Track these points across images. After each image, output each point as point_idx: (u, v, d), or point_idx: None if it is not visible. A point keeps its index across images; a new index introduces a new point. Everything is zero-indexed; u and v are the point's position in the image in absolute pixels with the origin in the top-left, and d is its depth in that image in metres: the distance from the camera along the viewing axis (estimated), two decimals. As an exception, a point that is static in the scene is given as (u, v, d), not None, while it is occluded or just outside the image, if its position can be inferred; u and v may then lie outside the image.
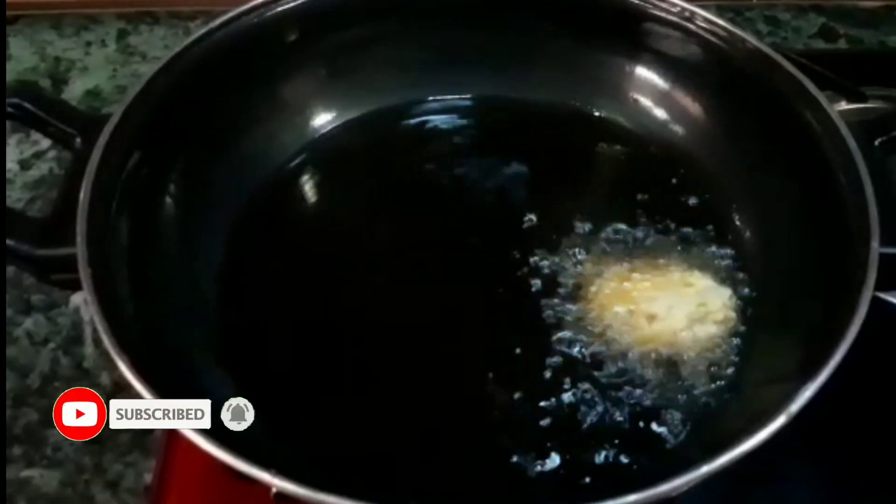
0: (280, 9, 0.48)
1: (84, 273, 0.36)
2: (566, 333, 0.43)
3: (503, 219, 0.48)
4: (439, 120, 0.53)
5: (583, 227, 0.47)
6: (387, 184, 0.51)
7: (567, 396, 0.41)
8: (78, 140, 0.42)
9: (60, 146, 0.45)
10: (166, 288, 0.42)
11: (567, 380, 0.41)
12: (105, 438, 0.48)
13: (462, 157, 0.52)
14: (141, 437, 0.48)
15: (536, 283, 0.45)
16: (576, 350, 0.43)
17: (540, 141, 0.52)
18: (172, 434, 0.44)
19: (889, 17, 0.73)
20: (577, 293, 0.45)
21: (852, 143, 0.41)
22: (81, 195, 0.38)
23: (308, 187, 0.51)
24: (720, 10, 0.72)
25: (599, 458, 0.39)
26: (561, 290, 0.45)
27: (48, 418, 0.49)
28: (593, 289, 0.45)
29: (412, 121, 0.53)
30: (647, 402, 0.41)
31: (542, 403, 0.41)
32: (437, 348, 0.43)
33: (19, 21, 0.71)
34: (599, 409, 0.41)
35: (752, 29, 0.72)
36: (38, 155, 0.62)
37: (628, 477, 0.38)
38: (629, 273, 0.45)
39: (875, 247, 0.37)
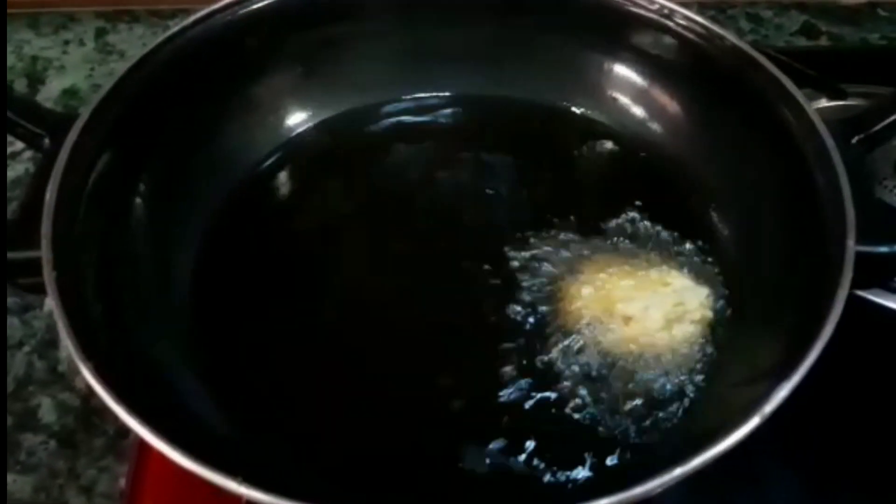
0: (254, 7, 0.48)
1: (48, 277, 0.35)
2: (540, 333, 0.43)
3: (479, 217, 0.48)
4: (416, 118, 0.53)
5: (559, 225, 0.47)
6: (362, 183, 0.51)
7: (540, 398, 0.41)
8: (46, 140, 0.42)
9: (30, 148, 0.45)
10: (136, 291, 0.41)
11: (541, 381, 0.41)
12: (79, 443, 0.48)
13: (438, 155, 0.51)
14: (115, 442, 0.47)
15: (512, 283, 0.45)
16: (552, 351, 0.42)
17: (517, 139, 0.52)
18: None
19: (870, 14, 0.73)
20: (553, 293, 0.44)
21: (829, 142, 0.41)
22: (47, 196, 0.38)
23: (283, 188, 0.51)
24: (702, 8, 0.71)
25: (574, 460, 0.39)
26: (536, 291, 0.45)
27: (22, 422, 0.48)
28: (569, 289, 0.44)
29: (388, 119, 0.53)
30: (623, 403, 0.40)
31: (514, 404, 0.41)
32: (411, 350, 0.43)
33: (-5, 20, 0.71)
34: (573, 409, 0.40)
35: (734, 26, 0.72)
36: (13, 156, 0.61)
37: (603, 479, 0.38)
38: (606, 272, 0.45)
39: (851, 245, 0.37)
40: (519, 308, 0.44)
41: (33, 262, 0.36)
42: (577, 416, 0.40)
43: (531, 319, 0.43)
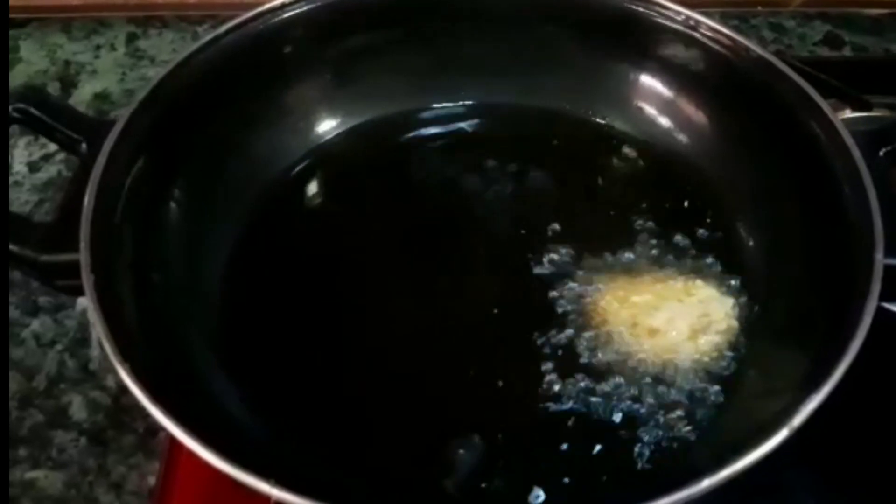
0: (286, 15, 0.49)
1: (87, 279, 0.36)
2: (566, 344, 0.43)
3: (504, 227, 0.48)
4: (442, 127, 0.53)
5: (584, 236, 0.47)
6: (390, 190, 0.51)
7: (565, 409, 0.41)
8: (83, 145, 0.43)
9: (67, 152, 0.46)
10: (170, 293, 0.42)
11: (566, 393, 0.41)
12: (109, 440, 0.48)
13: (464, 163, 0.52)
14: (144, 440, 0.48)
15: (535, 295, 0.45)
16: (576, 362, 0.42)
17: (543, 148, 0.52)
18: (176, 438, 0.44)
19: (894, 24, 0.73)
20: (577, 303, 0.45)
21: (857, 153, 0.41)
22: (86, 201, 0.39)
23: (312, 193, 0.51)
24: (725, 18, 0.71)
25: (600, 471, 0.39)
26: (562, 301, 0.45)
27: (54, 420, 0.49)
28: (593, 300, 0.45)
29: (416, 128, 0.53)
30: (649, 415, 0.41)
31: (543, 416, 0.41)
32: (438, 356, 0.43)
33: (30, 24, 0.72)
34: (599, 422, 0.41)
35: (757, 36, 0.72)
36: (47, 157, 0.62)
37: (629, 489, 0.38)
38: (631, 283, 0.45)
39: (879, 258, 0.37)
40: (543, 320, 0.44)
41: (71, 264, 0.37)
42: (599, 428, 0.40)
43: (555, 332, 0.44)
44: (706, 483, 0.31)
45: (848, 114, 0.57)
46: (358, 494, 0.32)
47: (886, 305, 0.48)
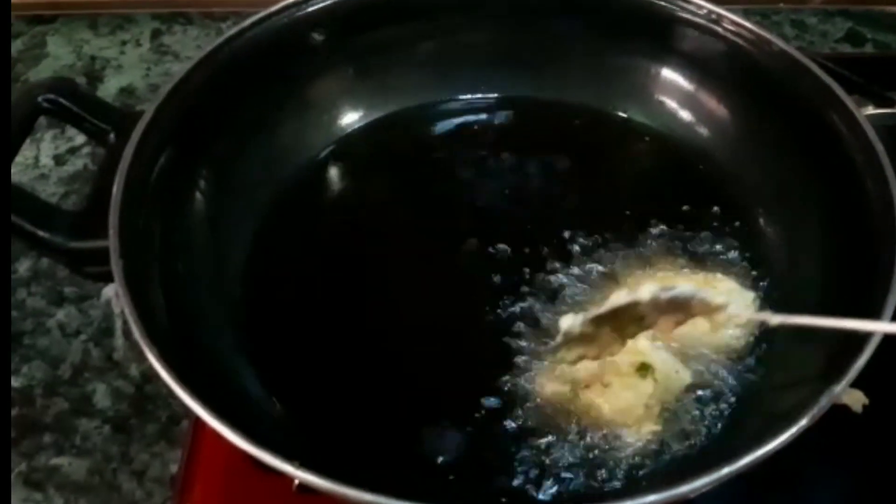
0: (309, 10, 0.49)
1: (116, 265, 0.37)
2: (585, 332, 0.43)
3: (524, 218, 0.49)
4: (464, 119, 0.54)
5: (606, 228, 0.47)
6: (411, 182, 0.51)
7: (585, 397, 0.41)
8: (112, 136, 0.43)
9: (94, 142, 0.46)
10: (195, 280, 0.42)
11: (583, 379, 0.41)
12: (132, 429, 0.49)
13: (485, 156, 0.52)
14: (167, 428, 0.49)
15: (557, 285, 0.45)
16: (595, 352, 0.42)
17: (564, 141, 0.53)
18: (199, 426, 0.45)
19: (918, 21, 0.72)
20: (599, 295, 0.44)
21: (880, 148, 0.41)
22: (114, 189, 0.39)
23: (334, 184, 0.52)
24: (747, 14, 0.71)
25: (620, 457, 0.39)
26: (582, 293, 0.45)
27: (78, 408, 0.50)
28: (615, 291, 0.44)
29: (437, 120, 0.54)
30: (670, 405, 0.41)
31: (566, 403, 0.41)
32: (456, 346, 0.44)
33: (57, 20, 0.73)
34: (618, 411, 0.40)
35: (779, 32, 0.72)
36: (73, 151, 0.63)
37: (654, 476, 0.38)
38: (652, 275, 0.45)
39: (901, 251, 0.37)
40: (565, 309, 0.44)
41: (101, 251, 0.38)
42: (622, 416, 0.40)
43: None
44: (726, 470, 0.31)
45: (870, 110, 0.56)
46: (378, 478, 0.32)
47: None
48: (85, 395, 0.51)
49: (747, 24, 0.48)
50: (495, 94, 0.54)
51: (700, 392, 0.41)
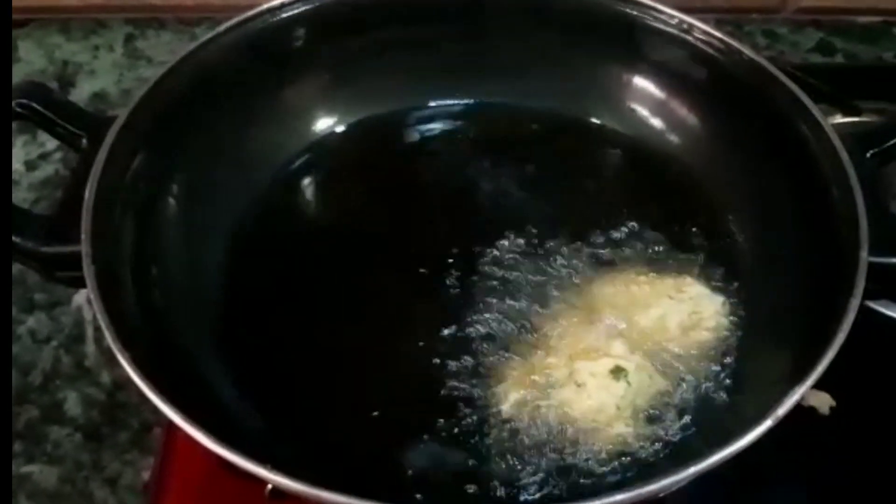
0: (284, 15, 0.50)
1: (88, 270, 0.37)
2: (553, 339, 0.44)
3: (495, 223, 0.49)
4: (438, 125, 0.54)
5: (577, 234, 0.48)
6: (384, 188, 0.52)
7: (558, 397, 0.41)
8: (84, 140, 0.43)
9: (66, 147, 0.46)
10: (169, 285, 0.42)
11: (553, 384, 0.42)
12: (104, 436, 0.49)
13: (458, 161, 0.52)
14: (139, 436, 0.49)
15: (527, 289, 0.45)
16: (564, 357, 0.43)
17: (537, 148, 0.53)
18: (172, 432, 0.45)
19: (886, 32, 0.74)
20: (569, 300, 0.45)
21: (844, 156, 0.42)
22: (87, 194, 0.39)
23: (308, 190, 0.52)
24: (719, 24, 0.72)
25: (590, 456, 0.39)
26: (556, 295, 0.45)
27: (49, 415, 0.49)
28: (586, 295, 0.45)
29: (412, 126, 0.54)
30: (639, 407, 0.41)
31: (537, 403, 0.41)
32: (430, 350, 0.43)
33: (29, 25, 0.72)
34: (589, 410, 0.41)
35: (751, 42, 0.73)
36: (44, 156, 0.63)
37: (624, 476, 0.39)
38: (622, 280, 0.46)
39: (864, 256, 0.38)
40: (534, 314, 0.44)
41: (73, 256, 0.38)
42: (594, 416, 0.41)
43: (548, 329, 0.44)
44: (692, 470, 0.32)
45: (838, 119, 0.58)
46: (352, 481, 0.32)
47: (870, 304, 0.49)
48: (56, 402, 0.50)
49: (717, 33, 0.49)
50: (468, 101, 0.54)
51: (671, 395, 0.42)
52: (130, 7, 0.72)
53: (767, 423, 0.33)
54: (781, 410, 0.34)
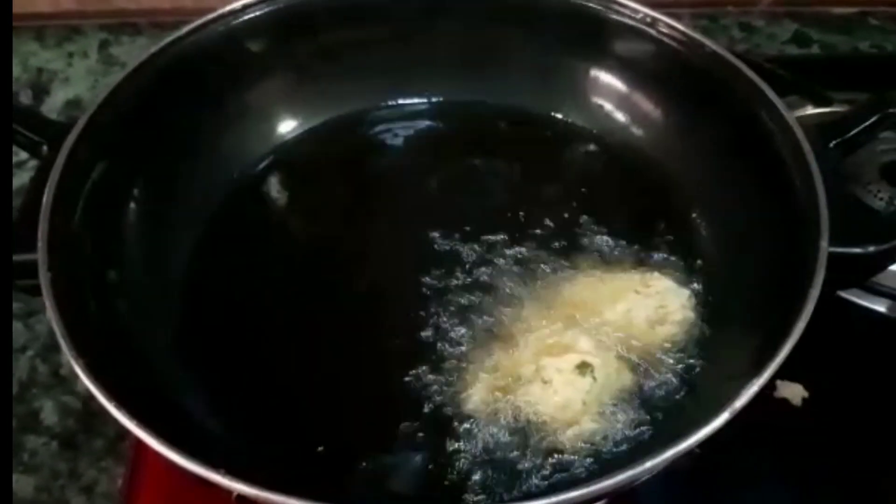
0: (246, 17, 0.49)
1: (43, 277, 0.37)
2: (520, 335, 0.43)
3: (460, 220, 0.48)
4: (402, 124, 0.54)
5: (542, 229, 0.48)
6: (349, 188, 0.51)
7: (524, 393, 0.41)
8: (44, 148, 0.43)
9: (29, 155, 0.46)
10: (130, 292, 0.42)
11: (519, 380, 0.42)
12: (80, 444, 0.49)
13: (423, 159, 0.52)
14: (115, 444, 0.49)
15: (493, 286, 0.45)
16: (531, 352, 0.43)
17: (501, 145, 0.53)
18: (141, 441, 0.45)
19: (862, 22, 0.74)
20: (535, 295, 0.45)
21: (807, 146, 0.42)
22: (44, 200, 0.39)
23: (273, 192, 0.52)
24: (695, 17, 0.72)
25: (555, 452, 0.40)
26: (521, 293, 0.45)
27: (25, 424, 0.49)
28: (553, 290, 0.45)
29: (375, 125, 0.54)
30: (607, 402, 0.41)
31: (504, 400, 0.41)
32: (397, 351, 0.43)
33: (3, 33, 0.72)
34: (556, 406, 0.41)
35: (727, 35, 0.73)
36: (19, 164, 0.63)
37: (584, 472, 0.39)
38: (588, 275, 0.46)
39: (824, 246, 0.38)
40: (502, 309, 0.44)
41: (31, 264, 0.38)
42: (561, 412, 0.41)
43: (519, 322, 0.44)
44: (649, 464, 0.32)
45: (809, 110, 0.57)
46: (312, 486, 0.32)
47: (842, 294, 0.49)
48: (32, 411, 0.50)
49: (680, 26, 0.49)
50: (434, 99, 0.54)
51: (637, 389, 0.42)
52: (105, 13, 0.72)
53: (724, 416, 0.33)
54: (739, 403, 0.33)
